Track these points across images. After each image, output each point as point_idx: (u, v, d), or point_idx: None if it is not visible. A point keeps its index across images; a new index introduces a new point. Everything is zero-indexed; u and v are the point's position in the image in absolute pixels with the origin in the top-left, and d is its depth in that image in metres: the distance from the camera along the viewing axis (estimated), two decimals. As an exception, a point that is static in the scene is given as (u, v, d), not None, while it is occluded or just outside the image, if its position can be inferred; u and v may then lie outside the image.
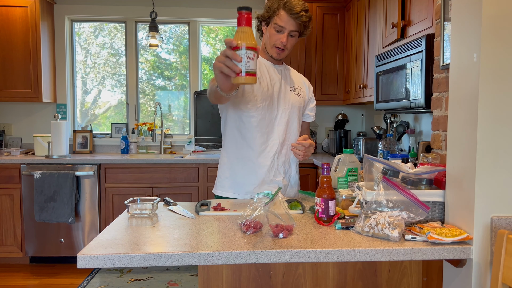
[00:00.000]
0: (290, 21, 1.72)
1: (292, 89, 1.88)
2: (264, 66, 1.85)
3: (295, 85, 1.91)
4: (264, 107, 1.79)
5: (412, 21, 2.34)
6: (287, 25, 1.72)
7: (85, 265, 1.10)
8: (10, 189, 3.51)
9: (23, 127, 4.19)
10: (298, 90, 1.90)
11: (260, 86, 1.79)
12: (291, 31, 1.74)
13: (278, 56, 1.82)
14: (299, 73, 2.00)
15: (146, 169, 3.59)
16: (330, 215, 1.39)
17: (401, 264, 1.35)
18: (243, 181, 1.83)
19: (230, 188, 1.85)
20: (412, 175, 1.39)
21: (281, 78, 1.87)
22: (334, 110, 4.33)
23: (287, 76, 1.90)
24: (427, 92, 2.02)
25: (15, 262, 3.63)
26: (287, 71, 1.92)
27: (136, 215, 1.54)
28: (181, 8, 4.21)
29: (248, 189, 1.82)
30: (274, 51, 1.80)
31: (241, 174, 1.83)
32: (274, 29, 1.75)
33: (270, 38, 1.79)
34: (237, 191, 1.84)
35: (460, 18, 1.27)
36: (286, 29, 1.73)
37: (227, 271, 1.30)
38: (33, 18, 3.76)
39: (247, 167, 1.82)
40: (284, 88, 1.85)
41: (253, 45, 1.10)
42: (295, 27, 1.73)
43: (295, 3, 1.71)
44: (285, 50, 1.79)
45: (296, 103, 1.88)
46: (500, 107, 1.17)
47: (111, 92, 4.39)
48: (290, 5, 1.71)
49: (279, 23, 1.73)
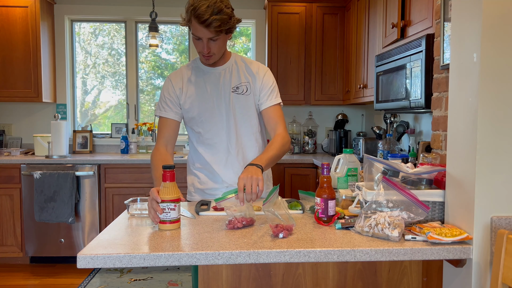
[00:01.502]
0: (203, 30, 1.58)
1: (234, 90, 1.79)
2: (202, 73, 1.80)
3: (237, 84, 1.79)
4: (206, 119, 1.77)
5: (412, 21, 2.34)
6: (202, 34, 1.60)
7: (85, 265, 1.10)
8: (10, 189, 3.51)
9: (23, 127, 4.19)
10: (242, 88, 1.79)
11: (197, 100, 1.77)
12: (210, 38, 1.62)
13: (208, 62, 1.73)
14: (250, 63, 1.84)
15: (146, 169, 3.58)
16: (330, 215, 1.39)
17: (401, 264, 1.35)
18: (210, 189, 1.84)
19: (199, 194, 1.87)
20: (412, 175, 1.39)
21: (219, 82, 1.78)
22: (334, 110, 4.33)
23: (228, 77, 1.80)
24: (427, 92, 2.01)
25: (15, 262, 3.62)
26: (231, 70, 1.80)
27: (136, 215, 1.54)
28: (181, 8, 4.18)
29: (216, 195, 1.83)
30: (202, 59, 1.73)
31: (207, 184, 1.84)
32: (194, 38, 1.65)
33: (194, 45, 1.69)
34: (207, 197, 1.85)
35: (460, 18, 1.27)
36: (203, 38, 1.62)
37: (227, 271, 1.30)
38: (33, 18, 3.76)
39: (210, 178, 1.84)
40: (224, 92, 1.78)
41: (174, 198, 1.35)
42: (212, 33, 1.60)
43: (203, 9, 1.54)
44: (212, 56, 1.69)
45: (240, 103, 1.79)
46: (500, 107, 1.17)
47: (111, 92, 4.39)
48: (198, 12, 1.54)
49: (195, 33, 1.62)
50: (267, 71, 1.85)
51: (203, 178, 1.85)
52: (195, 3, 1.56)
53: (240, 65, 1.83)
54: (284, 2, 3.90)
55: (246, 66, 1.83)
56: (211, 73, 1.80)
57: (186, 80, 1.81)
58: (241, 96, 1.80)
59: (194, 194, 1.88)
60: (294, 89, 3.93)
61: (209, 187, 1.85)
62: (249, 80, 1.81)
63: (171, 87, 1.80)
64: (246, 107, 1.80)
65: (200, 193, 1.87)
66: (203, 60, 1.74)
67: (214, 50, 1.67)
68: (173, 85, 1.80)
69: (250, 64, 1.85)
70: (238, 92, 1.80)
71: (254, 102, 1.82)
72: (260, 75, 1.82)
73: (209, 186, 1.84)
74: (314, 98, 3.97)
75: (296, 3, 3.90)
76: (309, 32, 3.92)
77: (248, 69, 1.83)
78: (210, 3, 1.55)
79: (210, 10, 1.54)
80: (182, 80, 1.81)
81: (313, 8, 3.91)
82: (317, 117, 4.34)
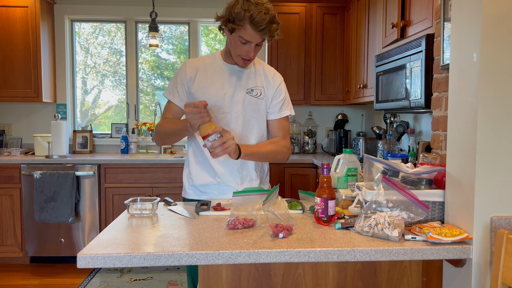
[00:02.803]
0: (256, 35, 1.61)
1: (249, 91, 1.80)
2: (220, 70, 1.80)
3: (252, 86, 1.81)
4: (214, 114, 1.77)
5: (412, 21, 2.34)
6: (254, 39, 1.63)
7: (85, 265, 1.10)
8: (10, 189, 3.51)
9: (23, 127, 4.19)
10: (256, 91, 1.81)
11: (209, 93, 1.77)
12: (257, 43, 1.66)
13: (244, 65, 1.75)
14: (268, 69, 1.87)
15: (146, 169, 3.59)
16: (330, 215, 1.39)
17: (401, 264, 1.35)
18: (203, 185, 1.83)
19: (193, 191, 1.86)
20: (412, 175, 1.39)
21: (235, 81, 1.79)
22: (334, 110, 4.33)
23: (245, 78, 1.81)
24: (427, 92, 2.01)
25: (15, 262, 3.62)
26: (248, 72, 1.82)
27: (136, 215, 1.54)
28: (181, 8, 4.21)
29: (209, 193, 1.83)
30: (240, 61, 1.73)
31: (200, 179, 1.83)
32: (239, 41, 1.65)
33: (235, 48, 1.69)
34: (201, 194, 1.85)
35: (460, 18, 1.27)
36: (253, 42, 1.64)
37: (227, 271, 1.30)
38: (33, 18, 3.76)
39: (204, 172, 1.83)
40: (238, 92, 1.78)
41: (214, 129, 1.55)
42: (262, 39, 1.64)
43: (260, 17, 1.56)
44: (251, 60, 1.73)
45: (251, 106, 1.80)
46: (500, 107, 1.17)
47: (111, 92, 4.39)
48: (256, 20, 1.56)
49: (245, 37, 1.62)
50: (282, 81, 1.88)
51: (197, 173, 1.84)
52: (251, 9, 1.57)
53: (258, 68, 1.85)
54: (284, 2, 3.89)
55: (264, 71, 1.85)
56: (229, 70, 1.80)
57: (202, 71, 1.81)
58: (254, 99, 1.81)
59: (189, 191, 1.88)
60: (294, 89, 3.93)
61: (202, 183, 1.83)
62: (264, 85, 1.83)
63: (184, 73, 1.81)
64: (257, 110, 1.82)
65: (194, 190, 1.86)
66: (241, 63, 1.73)
67: (255, 54, 1.71)
68: (186, 72, 1.81)
69: (267, 69, 1.87)
70: (252, 95, 1.81)
71: (265, 108, 1.84)
72: (276, 84, 1.85)
73: (202, 182, 1.83)
74: (314, 98, 3.97)
75: (296, 3, 3.90)
76: (309, 32, 3.92)
77: (264, 74, 1.85)
78: (265, 10, 1.58)
79: (268, 18, 1.58)
80: (197, 69, 1.81)
81: (313, 8, 3.91)
82: (317, 117, 4.34)
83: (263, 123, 1.85)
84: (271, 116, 1.85)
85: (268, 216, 1.31)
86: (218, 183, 1.82)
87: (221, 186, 1.82)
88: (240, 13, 1.58)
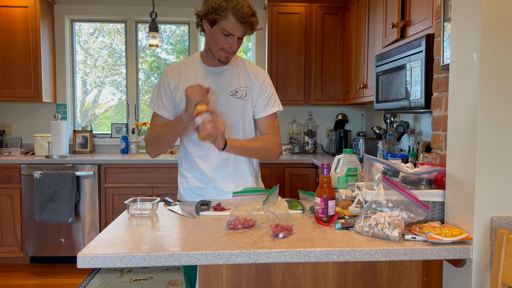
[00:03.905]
0: (239, 26, 1.61)
1: (233, 93, 1.76)
2: (200, 72, 1.77)
3: (236, 87, 1.77)
4: None
5: (412, 21, 2.34)
6: (236, 31, 1.62)
7: (85, 265, 1.10)
8: (10, 189, 3.51)
9: (23, 127, 4.19)
10: (241, 92, 1.77)
11: None
12: (239, 36, 1.65)
13: (226, 59, 1.72)
14: (250, 66, 1.83)
15: (146, 169, 3.59)
16: (330, 215, 1.39)
17: (401, 264, 1.35)
18: (198, 188, 1.82)
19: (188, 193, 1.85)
20: (412, 175, 1.39)
21: (219, 84, 1.76)
22: (334, 110, 4.33)
23: (227, 79, 1.77)
24: (427, 92, 2.01)
25: (15, 262, 3.62)
26: (230, 73, 1.78)
27: (136, 215, 1.54)
28: (181, 8, 4.21)
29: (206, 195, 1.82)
30: (222, 55, 1.69)
31: (194, 182, 1.82)
32: (222, 33, 1.63)
33: (217, 41, 1.66)
34: (196, 196, 1.83)
35: (460, 18, 1.27)
36: (235, 35, 1.63)
37: (227, 271, 1.30)
38: (33, 18, 3.76)
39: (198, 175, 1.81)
40: (222, 95, 1.75)
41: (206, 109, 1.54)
42: (244, 31, 1.65)
43: (245, 10, 1.59)
44: (233, 53, 1.70)
45: (237, 108, 1.76)
46: (500, 107, 1.17)
47: (111, 92, 4.39)
48: (240, 10, 1.58)
49: (228, 28, 1.61)
50: (266, 78, 1.82)
51: (190, 179, 1.82)
52: (235, 2, 1.60)
53: (240, 68, 1.81)
54: (284, 2, 3.89)
55: (246, 70, 1.81)
56: (210, 73, 1.77)
57: (184, 77, 1.77)
58: (239, 101, 1.77)
59: (184, 194, 1.86)
60: (294, 89, 3.93)
61: (197, 186, 1.81)
62: (248, 84, 1.79)
63: (166, 82, 1.77)
64: (243, 112, 1.78)
65: (189, 193, 1.84)
66: (223, 56, 1.69)
67: (237, 48, 1.69)
68: (168, 81, 1.77)
69: (249, 67, 1.82)
70: (237, 96, 1.77)
71: (251, 108, 1.80)
72: (260, 81, 1.80)
73: (197, 185, 1.81)
74: (314, 98, 3.97)
75: (296, 3, 3.90)
76: (309, 32, 3.92)
77: (247, 73, 1.81)
78: (248, 4, 1.63)
79: (250, 11, 1.62)
80: (179, 76, 1.77)
81: (313, 8, 3.91)
82: (317, 117, 4.34)
83: (250, 124, 1.81)
84: (258, 115, 1.80)
85: (268, 216, 1.31)
86: (214, 188, 1.80)
87: (216, 190, 1.80)
88: (222, 4, 1.59)
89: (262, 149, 1.76)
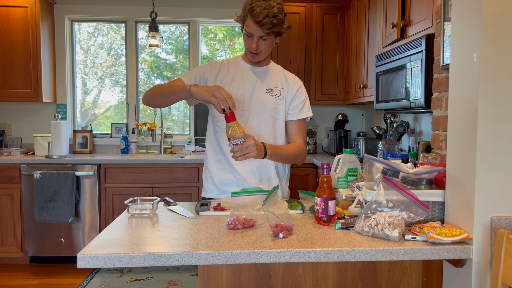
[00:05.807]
0: (256, 27, 1.69)
1: (268, 91, 1.85)
2: (241, 69, 1.86)
3: (272, 86, 1.86)
4: None
5: (412, 21, 2.34)
6: (254, 31, 1.71)
7: (85, 265, 1.10)
8: (10, 189, 3.51)
9: (23, 127, 4.19)
10: (276, 91, 1.86)
11: (230, 90, 1.78)
12: (261, 36, 1.72)
13: (254, 59, 1.81)
14: (288, 73, 1.94)
15: (146, 169, 3.59)
16: (330, 215, 1.39)
17: (401, 264, 1.35)
18: (223, 183, 1.85)
19: (212, 190, 1.89)
20: (412, 175, 1.39)
21: (256, 80, 1.85)
22: (334, 110, 4.33)
23: (265, 78, 1.87)
24: (427, 92, 2.01)
25: (15, 262, 3.62)
26: (268, 73, 1.88)
27: (136, 215, 1.54)
28: (181, 8, 4.21)
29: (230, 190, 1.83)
30: (249, 55, 1.80)
31: (220, 177, 1.86)
32: (246, 34, 1.75)
33: (244, 42, 1.79)
34: (220, 193, 1.87)
35: (460, 18, 1.27)
36: (255, 35, 1.72)
37: (227, 271, 1.30)
38: (33, 18, 3.76)
39: (224, 170, 1.85)
40: (257, 90, 1.83)
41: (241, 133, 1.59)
42: (263, 32, 1.70)
43: (258, 11, 1.66)
44: (259, 54, 1.78)
45: (270, 105, 1.83)
46: (500, 107, 1.17)
47: (111, 92, 4.39)
48: (254, 12, 1.67)
49: (247, 29, 1.72)
50: (301, 85, 1.94)
51: (216, 171, 1.86)
52: (253, 3, 1.68)
53: (278, 72, 1.92)
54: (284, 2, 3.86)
55: (284, 75, 1.92)
56: (249, 71, 1.86)
57: (225, 69, 1.87)
58: (273, 98, 1.85)
59: (208, 190, 1.90)
60: (294, 89, 3.93)
61: (223, 181, 1.85)
62: (284, 87, 1.89)
63: (208, 67, 1.87)
64: (276, 109, 1.86)
65: (214, 189, 1.88)
66: (250, 57, 1.81)
67: (261, 48, 1.76)
68: (210, 67, 1.87)
69: (287, 74, 1.94)
70: (272, 94, 1.86)
71: (284, 108, 1.88)
72: (295, 87, 1.91)
73: (222, 180, 1.85)
74: (314, 98, 3.97)
75: (296, 3, 3.90)
76: (309, 32, 3.92)
77: (285, 77, 1.91)
78: (267, 5, 1.67)
79: (266, 12, 1.66)
80: (220, 67, 1.87)
81: (313, 8, 3.91)
82: (317, 117, 4.34)
83: (281, 122, 1.88)
84: (291, 117, 1.90)
85: (268, 216, 1.31)
86: (238, 180, 1.83)
87: (240, 184, 1.83)
88: (246, 7, 1.71)
89: (294, 155, 1.85)
